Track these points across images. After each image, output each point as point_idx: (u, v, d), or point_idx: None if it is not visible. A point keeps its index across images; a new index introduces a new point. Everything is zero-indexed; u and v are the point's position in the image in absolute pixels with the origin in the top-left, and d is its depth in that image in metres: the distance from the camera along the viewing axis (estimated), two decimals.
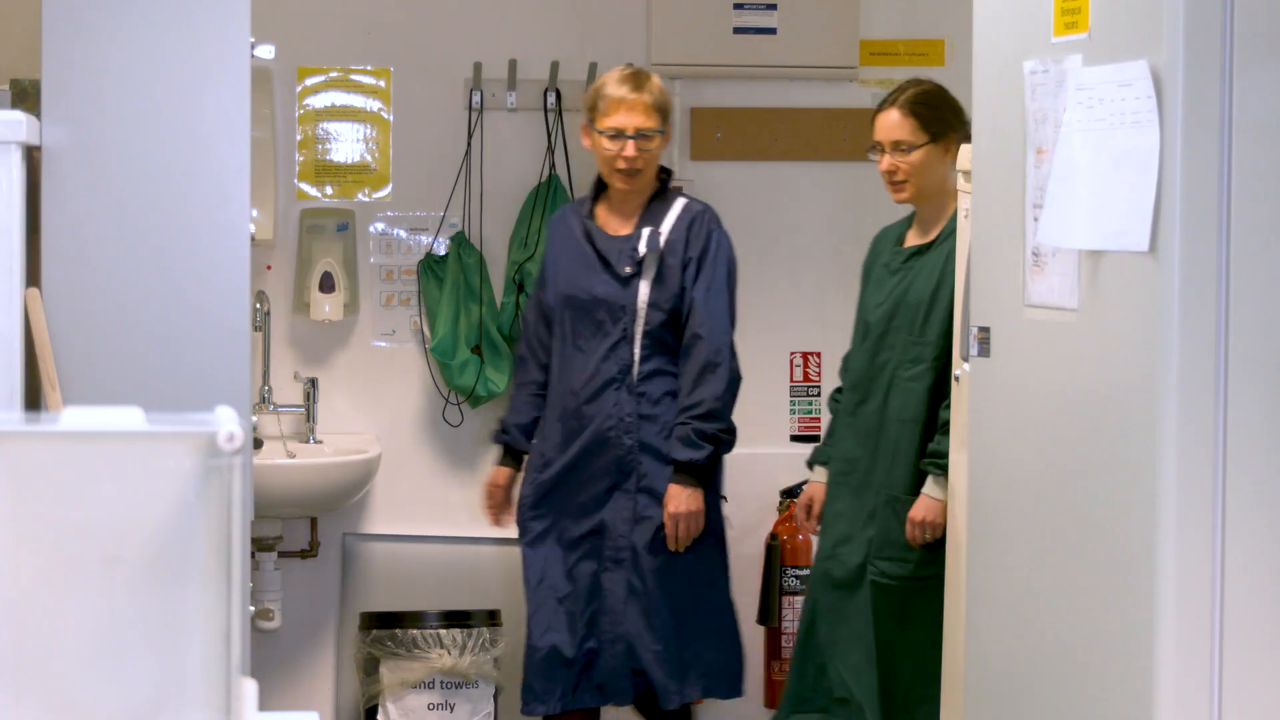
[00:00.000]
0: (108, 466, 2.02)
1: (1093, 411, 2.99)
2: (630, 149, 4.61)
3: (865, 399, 4.51)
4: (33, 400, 3.66)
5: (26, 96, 3.96)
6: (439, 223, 5.99)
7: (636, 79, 4.72)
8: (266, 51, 4.37)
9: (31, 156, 3.74)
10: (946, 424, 4.22)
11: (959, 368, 4.08)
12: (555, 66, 5.89)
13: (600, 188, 4.87)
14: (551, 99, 5.94)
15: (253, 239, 4.13)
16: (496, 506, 5.01)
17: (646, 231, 4.71)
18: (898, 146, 4.42)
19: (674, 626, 4.71)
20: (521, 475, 4.97)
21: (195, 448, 1.96)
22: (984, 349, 3.34)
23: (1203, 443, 2.75)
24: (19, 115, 3.64)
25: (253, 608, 4.70)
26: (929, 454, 4.31)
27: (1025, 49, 3.17)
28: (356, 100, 5.82)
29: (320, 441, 6.00)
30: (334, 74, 5.79)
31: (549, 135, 5.95)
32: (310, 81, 5.79)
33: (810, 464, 4.87)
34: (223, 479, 1.97)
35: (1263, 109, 2.79)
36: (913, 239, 4.54)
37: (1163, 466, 2.77)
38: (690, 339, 4.66)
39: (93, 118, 3.94)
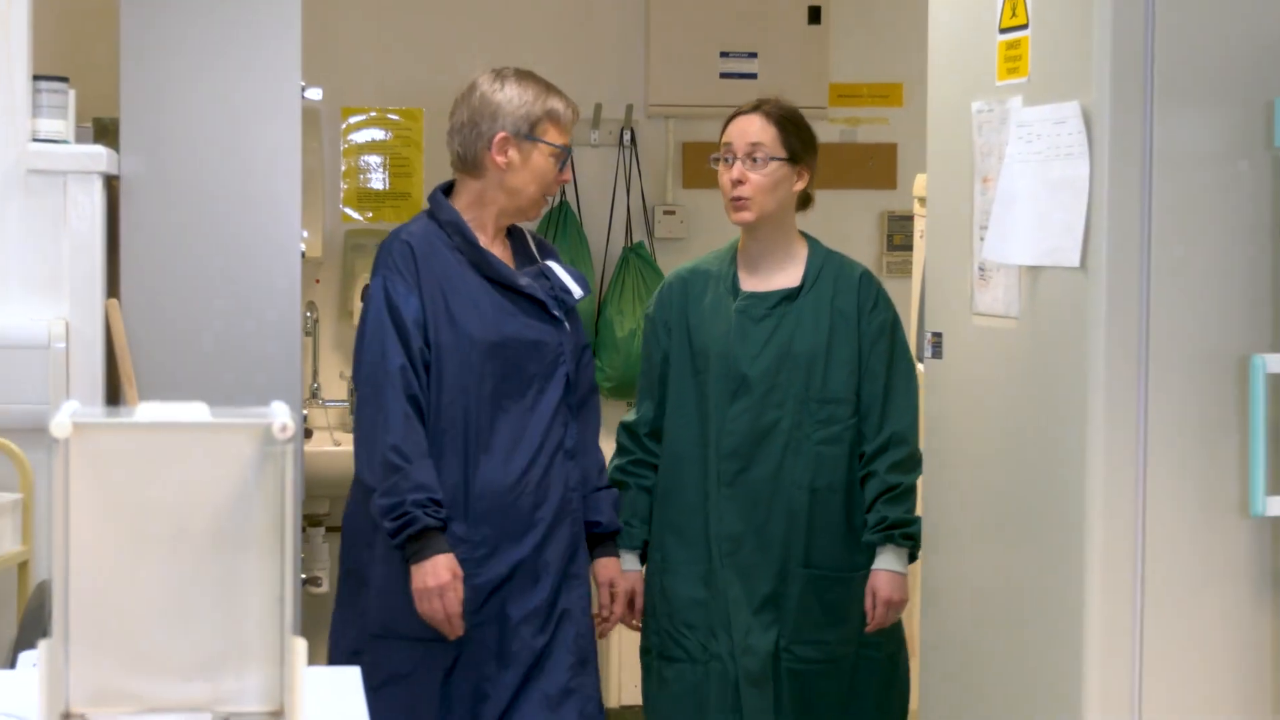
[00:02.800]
0: (177, 453, 2.03)
1: (1031, 406, 2.98)
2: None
3: (748, 466, 3.33)
4: (113, 396, 3.68)
5: (106, 133, 3.96)
6: None
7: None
8: (315, 94, 4.39)
9: (111, 184, 3.77)
10: (903, 490, 3.38)
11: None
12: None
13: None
14: None
15: (303, 256, 4.14)
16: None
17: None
18: (753, 152, 3.35)
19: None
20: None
21: (253, 437, 2.00)
22: (937, 352, 3.32)
23: (1126, 433, 2.74)
24: (100, 149, 3.67)
25: (304, 575, 4.71)
26: (891, 523, 3.37)
27: (973, 91, 3.16)
28: (392, 136, 5.81)
29: None
30: (373, 113, 5.77)
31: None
32: (352, 120, 5.78)
33: (619, 550, 3.46)
34: (277, 464, 2.01)
35: (1178, 143, 2.79)
36: (761, 282, 3.43)
37: (1091, 454, 2.76)
38: (590, 392, 3.44)
39: (164, 151, 3.94)
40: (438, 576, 3.02)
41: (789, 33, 5.80)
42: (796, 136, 3.47)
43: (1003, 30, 3.05)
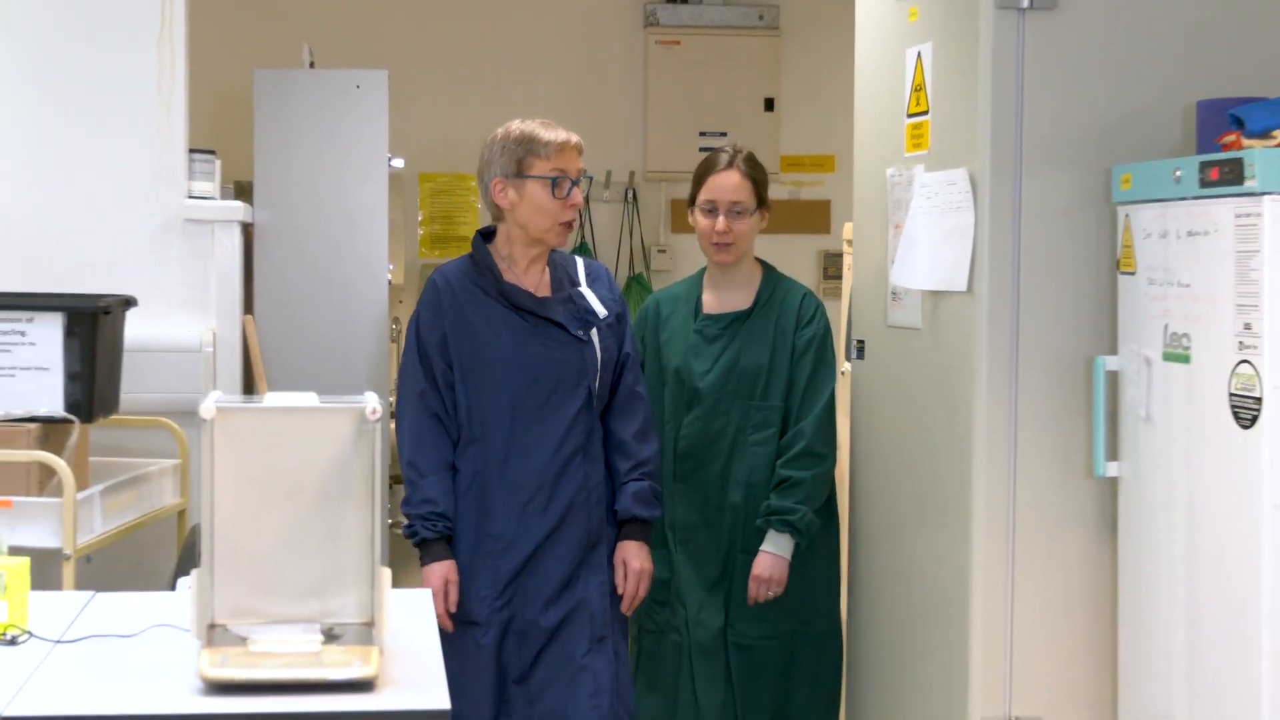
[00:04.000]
0: (294, 430, 2.06)
1: (932, 397, 2.98)
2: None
3: (700, 464, 3.01)
4: (248, 388, 3.68)
5: (243, 192, 3.96)
6: None
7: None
8: (398, 163, 4.39)
9: (246, 230, 3.77)
10: (796, 482, 2.99)
11: (843, 365, 3.57)
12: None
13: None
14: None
15: (390, 283, 4.12)
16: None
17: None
18: (734, 208, 3.02)
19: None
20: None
21: (351, 418, 2.05)
22: (861, 354, 3.30)
23: (1002, 416, 2.75)
24: (238, 204, 3.70)
25: (389, 520, 4.69)
26: (772, 510, 3.00)
27: (888, 160, 3.16)
28: (453, 194, 5.81)
29: None
30: (439, 178, 5.78)
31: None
32: (424, 182, 5.80)
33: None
34: (369, 438, 2.05)
35: (1039, 199, 2.78)
36: (719, 305, 3.09)
37: (976, 433, 2.77)
38: (629, 399, 2.91)
39: (287, 205, 3.92)
40: (430, 582, 2.72)
41: (750, 116, 5.79)
42: (763, 185, 3.11)
43: (909, 116, 3.06)
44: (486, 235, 2.87)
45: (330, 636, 2.00)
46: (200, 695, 1.88)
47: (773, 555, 2.93)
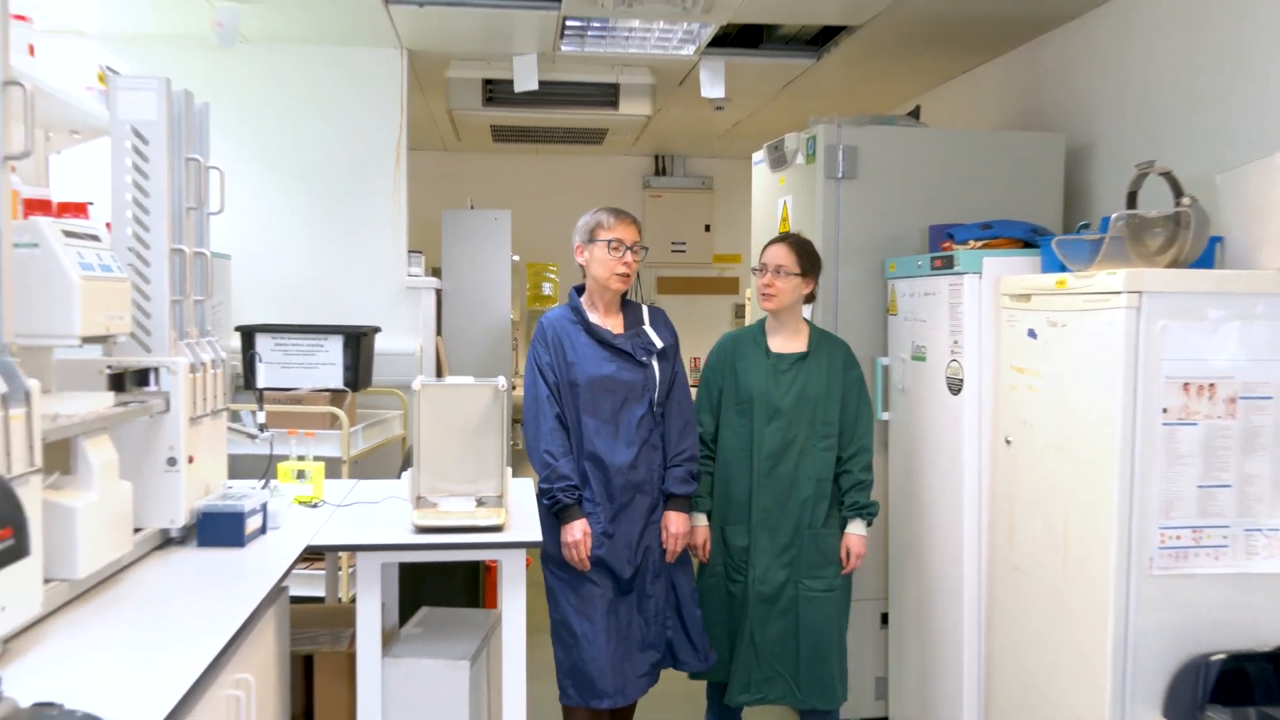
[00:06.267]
0: (461, 395, 2.03)
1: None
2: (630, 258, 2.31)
3: (778, 464, 2.41)
4: (439, 374, 3.64)
5: (435, 272, 3.90)
6: None
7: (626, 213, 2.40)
8: (516, 257, 4.37)
9: (437, 292, 3.72)
10: (866, 484, 2.41)
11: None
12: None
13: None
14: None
15: (511, 320, 4.11)
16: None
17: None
18: (779, 270, 2.43)
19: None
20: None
21: (491, 391, 2.03)
22: None
23: None
24: (433, 279, 3.60)
25: (513, 443, 4.76)
26: (859, 506, 2.41)
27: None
28: (543, 274, 5.69)
29: None
30: (536, 265, 5.64)
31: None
32: (530, 268, 5.67)
33: (691, 512, 2.41)
34: (500, 401, 2.02)
35: (851, 276, 2.73)
36: (783, 347, 2.47)
37: None
38: (679, 405, 2.34)
39: (458, 279, 3.93)
40: (573, 534, 2.18)
41: (698, 234, 5.68)
42: (808, 260, 2.45)
43: (779, 231, 2.94)
44: (579, 290, 2.39)
45: (479, 502, 2.00)
46: (413, 534, 1.88)
47: (861, 537, 2.40)
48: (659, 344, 2.32)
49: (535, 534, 1.90)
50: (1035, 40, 3.16)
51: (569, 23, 3.08)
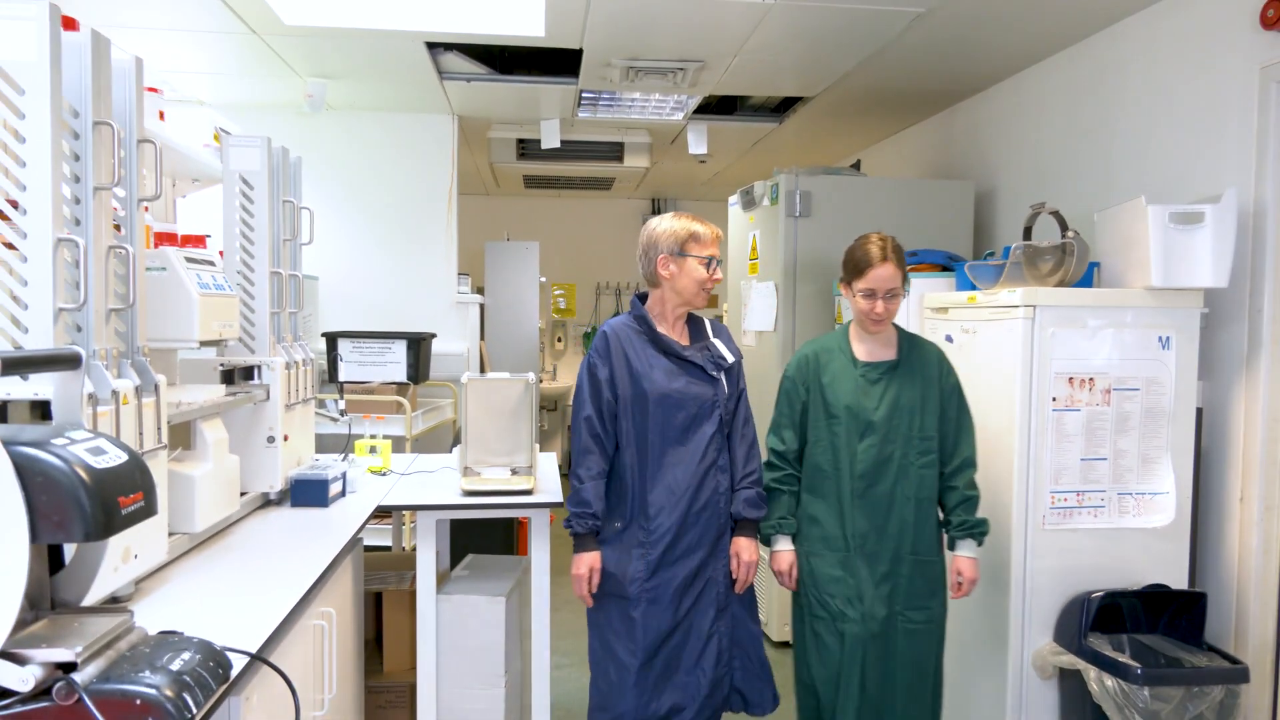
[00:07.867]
0: (499, 387, 1.93)
1: (765, 375, 2.83)
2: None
3: (874, 483, 1.70)
4: (482, 370, 3.61)
5: (481, 291, 3.87)
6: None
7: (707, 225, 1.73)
8: (543, 279, 4.27)
9: (482, 308, 3.66)
10: (974, 500, 1.73)
11: None
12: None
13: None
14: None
15: (539, 328, 4.07)
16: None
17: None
18: (889, 294, 1.71)
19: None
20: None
21: (523, 383, 1.96)
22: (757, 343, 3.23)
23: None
24: (478, 296, 3.54)
25: (541, 425, 4.71)
26: (967, 525, 1.72)
27: (742, 276, 3.06)
28: (564, 292, 5.56)
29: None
30: (558, 284, 5.54)
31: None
32: (554, 286, 5.54)
33: (773, 535, 1.74)
34: (531, 391, 1.94)
35: (805, 293, 2.69)
36: (871, 355, 1.77)
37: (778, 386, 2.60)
38: (744, 424, 1.70)
39: (497, 296, 3.90)
40: (578, 568, 1.62)
41: None
42: (905, 270, 1.74)
43: (749, 260, 2.97)
44: (641, 298, 1.76)
45: (514, 471, 1.94)
46: (461, 496, 1.84)
47: (972, 560, 1.72)
48: (730, 358, 1.72)
49: (558, 496, 1.86)
50: (951, 108, 3.21)
51: (584, 94, 3.15)
